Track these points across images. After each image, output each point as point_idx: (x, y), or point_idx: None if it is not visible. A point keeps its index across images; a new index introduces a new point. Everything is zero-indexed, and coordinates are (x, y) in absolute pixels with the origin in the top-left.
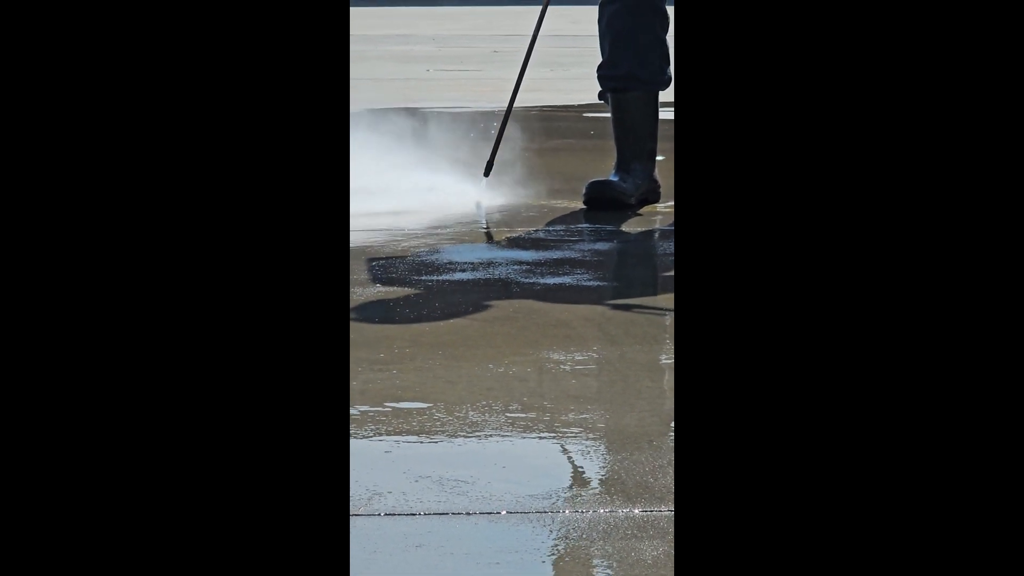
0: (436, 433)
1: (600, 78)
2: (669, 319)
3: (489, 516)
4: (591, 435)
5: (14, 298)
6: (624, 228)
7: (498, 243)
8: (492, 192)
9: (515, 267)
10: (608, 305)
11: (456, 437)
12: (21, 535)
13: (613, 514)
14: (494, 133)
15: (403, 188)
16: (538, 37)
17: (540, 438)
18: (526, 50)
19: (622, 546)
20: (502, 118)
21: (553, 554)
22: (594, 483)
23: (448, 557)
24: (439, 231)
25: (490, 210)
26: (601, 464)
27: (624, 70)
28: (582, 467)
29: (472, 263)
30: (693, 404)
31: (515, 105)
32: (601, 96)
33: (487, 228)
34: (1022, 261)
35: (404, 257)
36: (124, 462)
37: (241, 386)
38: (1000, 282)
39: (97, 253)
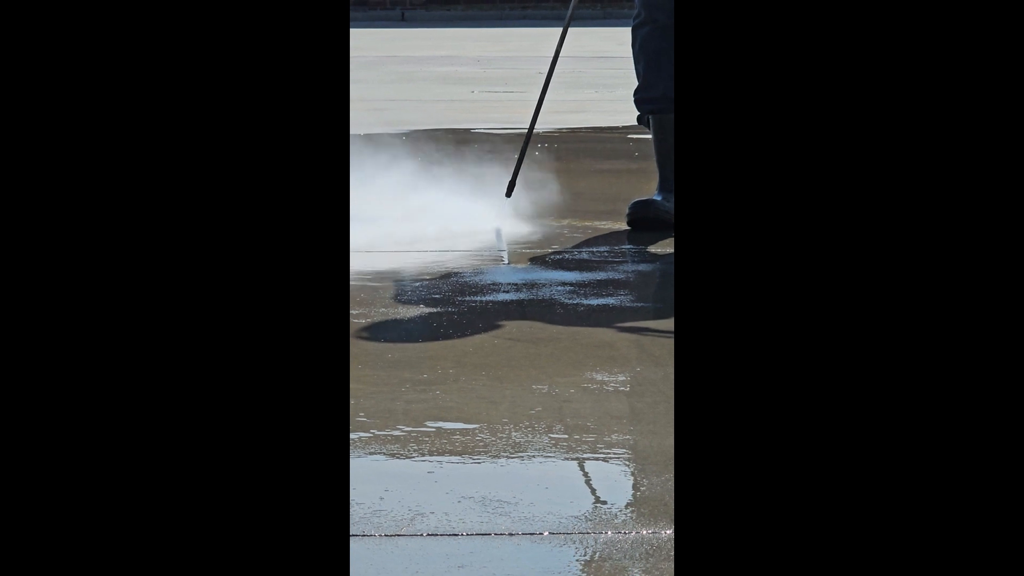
0: (479, 453)
1: (637, 102)
2: None
3: (532, 537)
4: (635, 456)
5: (13, 299)
6: (667, 248)
7: (541, 264)
8: (535, 213)
9: (558, 288)
10: (652, 326)
11: (499, 458)
12: (15, 536)
13: (656, 535)
14: (538, 154)
15: (447, 209)
16: (560, 57)
17: (583, 459)
18: (548, 71)
19: (665, 568)
20: (524, 139)
21: None
22: (637, 504)
23: None
24: (483, 252)
25: (533, 231)
26: (644, 485)
27: (659, 92)
28: (625, 488)
29: (515, 284)
30: (693, 422)
31: (560, 126)
32: (640, 120)
33: (530, 248)
34: (1022, 261)
35: (448, 277)
36: (127, 480)
37: (239, 401)
38: (1001, 284)
39: (101, 268)
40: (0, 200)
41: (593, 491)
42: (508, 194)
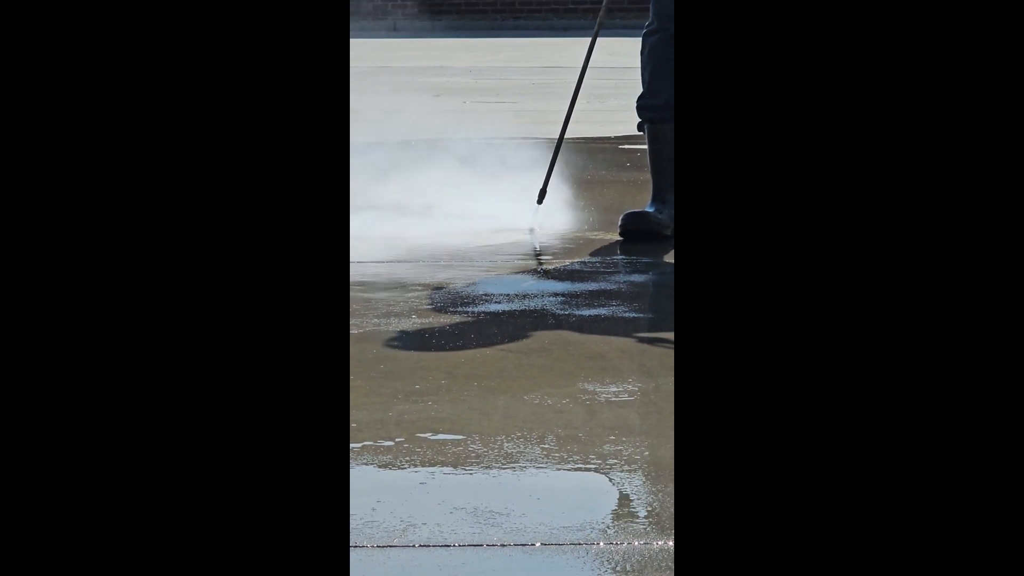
0: (471, 465)
1: (639, 108)
2: None
3: (523, 548)
4: (626, 467)
5: (14, 299)
6: (660, 259)
7: (534, 274)
8: (528, 224)
9: (551, 299)
10: (644, 337)
11: (491, 469)
12: (16, 536)
13: (648, 547)
14: (532, 163)
15: (439, 219)
16: (588, 68)
17: (575, 470)
18: (577, 80)
19: None
20: (554, 147)
21: None
22: (629, 515)
23: None
24: (475, 262)
25: (526, 241)
26: (636, 496)
27: (663, 99)
28: (617, 499)
29: (508, 294)
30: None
31: (552, 136)
32: (640, 127)
33: (523, 259)
34: (1022, 261)
35: (440, 288)
36: (129, 490)
37: (241, 409)
38: (1001, 286)
39: (101, 275)
40: (0, 200)
41: (585, 502)
42: (540, 201)
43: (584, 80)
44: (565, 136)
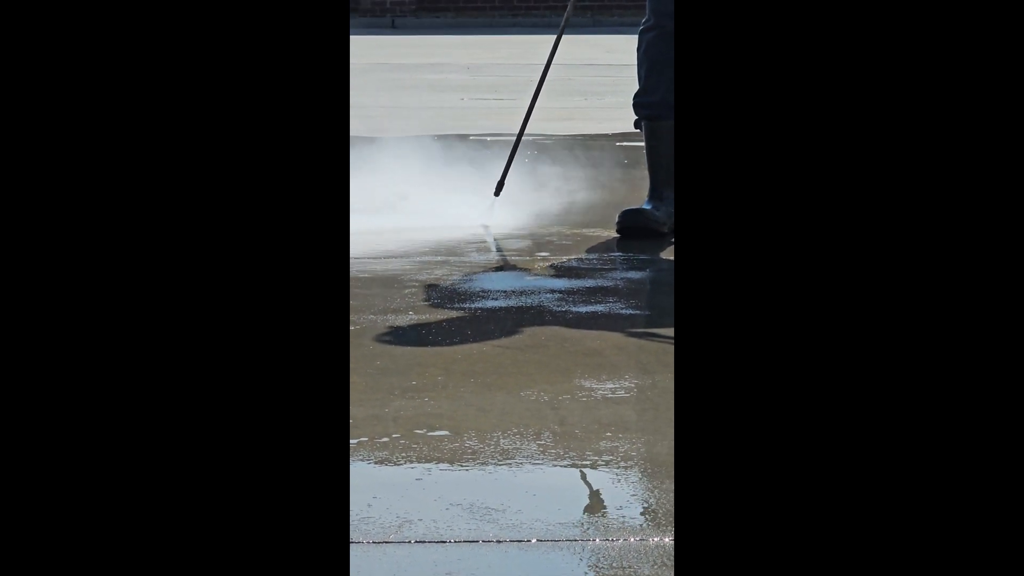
0: (467, 461)
1: (635, 105)
2: None
3: (519, 544)
4: (622, 463)
5: (14, 299)
6: (657, 256)
7: (531, 271)
8: (524, 221)
9: (548, 295)
10: (641, 333)
11: (487, 465)
12: (16, 536)
13: (644, 543)
14: (527, 161)
15: (436, 215)
16: (552, 64)
17: (571, 466)
18: (540, 74)
19: (652, 574)
20: (514, 140)
21: None
22: (625, 512)
23: None
24: (472, 258)
25: (523, 238)
26: (632, 493)
27: (659, 97)
28: (613, 496)
29: (505, 291)
30: (694, 425)
31: (550, 133)
32: (637, 124)
33: (520, 256)
34: (1022, 261)
35: (437, 284)
36: (128, 482)
37: (240, 405)
38: (1001, 284)
39: (100, 271)
40: (0, 200)
41: (581, 498)
42: (497, 193)
43: (573, 77)
44: (553, 132)
